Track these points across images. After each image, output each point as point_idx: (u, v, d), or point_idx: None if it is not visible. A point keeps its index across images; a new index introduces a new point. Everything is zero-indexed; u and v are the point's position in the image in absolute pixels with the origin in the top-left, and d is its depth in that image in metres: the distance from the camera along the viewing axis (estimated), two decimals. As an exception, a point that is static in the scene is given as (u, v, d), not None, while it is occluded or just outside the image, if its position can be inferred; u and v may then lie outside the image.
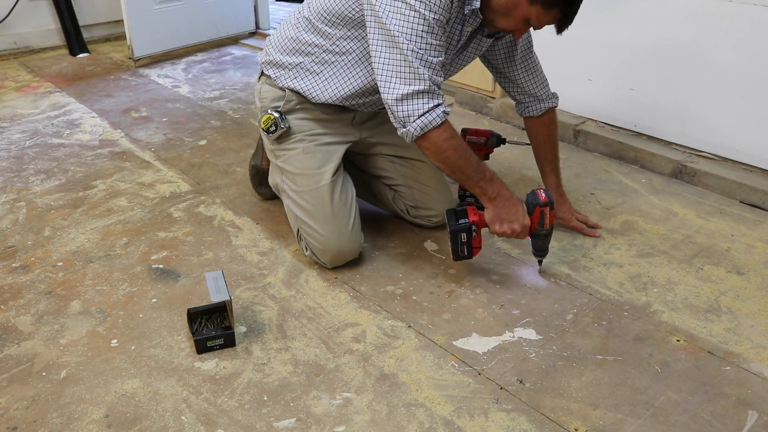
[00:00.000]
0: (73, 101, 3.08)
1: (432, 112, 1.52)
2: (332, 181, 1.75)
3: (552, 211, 1.64)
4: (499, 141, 2.09)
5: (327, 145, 1.79)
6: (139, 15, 3.52)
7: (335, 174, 1.77)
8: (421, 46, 1.50)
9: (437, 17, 1.50)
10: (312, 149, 1.78)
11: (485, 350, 1.50)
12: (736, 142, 2.23)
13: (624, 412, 1.33)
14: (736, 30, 2.12)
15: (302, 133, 1.79)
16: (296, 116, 1.80)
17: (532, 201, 1.64)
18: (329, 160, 1.78)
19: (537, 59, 1.88)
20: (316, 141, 1.79)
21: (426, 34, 1.50)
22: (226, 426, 1.30)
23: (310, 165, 1.77)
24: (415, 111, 1.52)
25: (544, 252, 1.72)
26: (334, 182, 1.76)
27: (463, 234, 1.65)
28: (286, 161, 1.80)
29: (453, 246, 1.67)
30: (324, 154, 1.78)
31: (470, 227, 1.65)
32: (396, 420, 1.31)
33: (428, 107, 1.52)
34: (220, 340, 1.50)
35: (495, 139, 2.09)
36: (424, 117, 1.52)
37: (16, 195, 2.21)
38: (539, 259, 1.75)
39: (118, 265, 1.82)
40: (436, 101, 1.53)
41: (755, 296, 1.68)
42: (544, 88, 1.90)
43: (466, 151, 1.59)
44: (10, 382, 1.41)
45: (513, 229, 1.62)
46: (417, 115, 1.52)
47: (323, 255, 1.75)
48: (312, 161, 1.77)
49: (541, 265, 1.76)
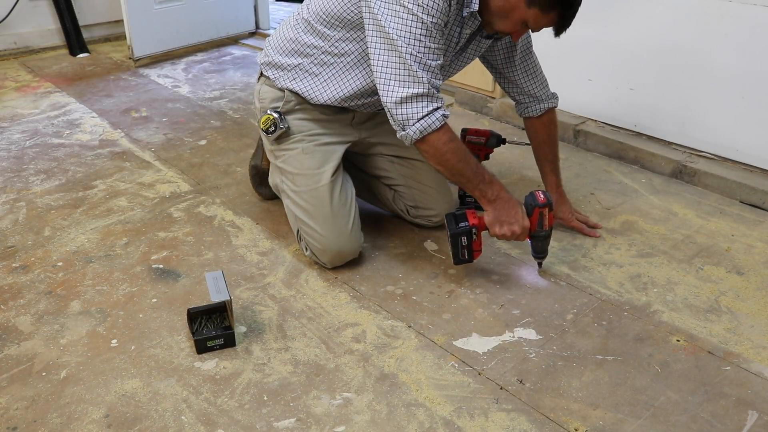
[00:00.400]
0: (73, 101, 3.08)
1: (431, 115, 1.53)
2: (332, 181, 1.75)
3: (551, 212, 1.64)
4: (499, 141, 2.09)
5: (326, 145, 1.79)
6: (139, 15, 3.52)
7: (334, 174, 1.77)
8: (420, 50, 1.51)
9: (435, 21, 1.50)
10: (311, 149, 1.78)
11: (485, 350, 1.50)
12: (736, 142, 2.23)
13: (624, 412, 1.33)
14: (737, 30, 2.12)
15: (301, 133, 1.79)
16: (295, 117, 1.80)
17: (531, 202, 1.64)
18: (328, 160, 1.78)
19: (536, 60, 1.88)
20: (315, 141, 1.79)
21: (424, 38, 1.50)
22: (226, 426, 1.30)
23: (309, 165, 1.77)
24: (414, 114, 1.52)
25: (543, 254, 1.72)
26: (334, 182, 1.76)
27: (464, 237, 1.65)
28: (285, 161, 1.80)
29: (453, 250, 1.67)
30: (323, 154, 1.78)
31: (470, 230, 1.65)
32: (396, 420, 1.31)
33: (427, 110, 1.52)
34: (220, 340, 1.50)
35: (495, 139, 2.09)
36: (423, 120, 1.53)
37: (16, 195, 2.21)
38: (539, 261, 1.75)
39: (118, 265, 1.82)
40: (435, 104, 1.54)
41: (755, 296, 1.68)
42: (543, 89, 1.90)
43: (466, 153, 1.59)
44: (10, 382, 1.41)
45: (513, 231, 1.62)
46: (416, 118, 1.52)
47: (323, 255, 1.75)
48: (311, 161, 1.77)
49: (540, 267, 1.76)
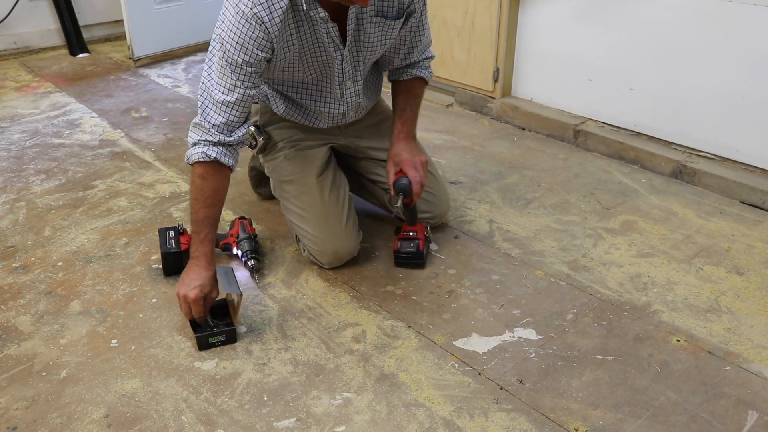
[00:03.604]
0: (73, 101, 3.08)
1: (194, 147, 1.55)
2: (318, 182, 1.75)
3: (406, 197, 1.65)
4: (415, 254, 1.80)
5: (307, 149, 1.79)
6: (139, 15, 3.52)
7: (321, 175, 1.77)
8: (213, 82, 1.53)
9: (243, 57, 1.48)
10: (292, 155, 1.78)
11: (485, 350, 1.50)
12: (736, 142, 2.23)
13: (624, 412, 1.33)
14: (736, 30, 2.12)
15: (283, 140, 1.80)
16: (276, 126, 1.81)
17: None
18: (312, 162, 1.78)
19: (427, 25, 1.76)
20: (296, 146, 1.79)
21: (222, 70, 1.50)
22: (226, 426, 1.30)
23: (293, 170, 1.77)
24: (188, 140, 1.58)
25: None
26: (321, 183, 1.76)
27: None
28: (273, 171, 1.82)
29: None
30: (305, 157, 1.78)
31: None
32: (396, 420, 1.31)
33: (191, 141, 1.56)
34: (221, 336, 1.50)
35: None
36: (190, 149, 1.56)
37: (16, 195, 2.21)
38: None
39: (118, 265, 1.82)
40: (201, 137, 1.54)
41: (755, 296, 1.68)
42: (421, 54, 1.79)
43: (202, 198, 1.55)
44: (10, 382, 1.41)
45: (184, 294, 1.49)
46: (188, 145, 1.58)
47: (321, 256, 1.75)
48: (294, 166, 1.77)
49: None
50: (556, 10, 2.58)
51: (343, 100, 1.72)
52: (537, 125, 2.70)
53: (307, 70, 1.62)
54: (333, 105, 1.73)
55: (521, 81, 2.81)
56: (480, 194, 2.20)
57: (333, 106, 1.73)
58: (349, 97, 1.72)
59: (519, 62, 2.78)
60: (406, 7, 1.62)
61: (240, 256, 1.79)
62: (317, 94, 1.71)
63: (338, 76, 1.65)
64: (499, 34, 2.71)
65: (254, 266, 1.75)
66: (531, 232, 1.97)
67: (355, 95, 1.72)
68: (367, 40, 1.62)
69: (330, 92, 1.70)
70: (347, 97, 1.72)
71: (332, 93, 1.70)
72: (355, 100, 1.74)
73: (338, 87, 1.68)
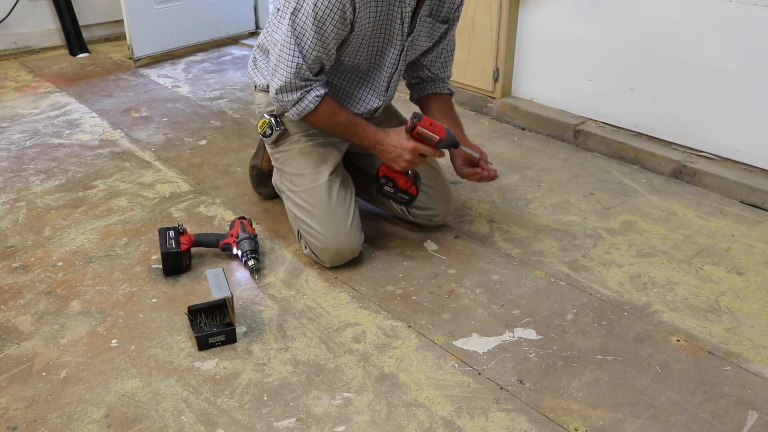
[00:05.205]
0: (73, 101, 3.08)
1: (302, 101, 1.62)
2: (329, 180, 1.76)
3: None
4: (452, 145, 1.73)
5: (323, 145, 1.80)
6: (139, 15, 3.52)
7: (333, 173, 1.77)
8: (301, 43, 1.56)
9: (323, 14, 1.52)
10: (308, 149, 1.78)
11: (485, 350, 1.50)
12: (736, 142, 2.23)
13: (624, 412, 1.33)
14: (736, 30, 2.12)
15: (298, 133, 1.80)
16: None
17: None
18: (326, 159, 1.78)
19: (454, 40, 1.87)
20: (312, 141, 1.79)
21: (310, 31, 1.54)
22: (226, 426, 1.30)
23: (306, 165, 1.77)
24: (287, 103, 1.64)
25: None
26: (332, 181, 1.76)
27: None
28: (284, 163, 1.81)
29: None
30: (320, 153, 1.78)
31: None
32: (396, 420, 1.31)
33: (296, 97, 1.62)
34: (221, 336, 1.50)
35: (448, 142, 1.71)
36: (297, 106, 1.63)
37: (16, 195, 2.21)
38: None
39: (118, 265, 1.82)
40: (302, 92, 1.61)
41: (755, 296, 1.68)
42: (448, 71, 1.90)
43: (334, 121, 1.65)
44: (10, 382, 1.41)
45: (404, 159, 1.64)
46: (289, 106, 1.64)
47: (322, 254, 1.75)
48: (308, 161, 1.77)
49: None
50: (556, 9, 2.58)
51: (386, 94, 1.76)
52: (537, 125, 2.70)
53: (368, 54, 1.66)
54: (374, 97, 1.76)
55: (521, 81, 2.81)
56: (480, 194, 2.20)
57: (373, 98, 1.76)
58: (391, 92, 1.77)
59: (519, 62, 2.78)
60: (451, 13, 1.70)
61: (240, 256, 1.79)
62: (365, 82, 1.75)
63: (390, 68, 1.70)
64: (499, 34, 2.71)
65: (254, 266, 1.75)
66: (531, 232, 1.97)
67: (393, 92, 1.78)
68: (417, 38, 1.69)
69: (377, 84, 1.75)
70: (390, 91, 1.76)
71: (378, 85, 1.75)
72: (390, 97, 1.79)
73: (386, 80, 1.73)
